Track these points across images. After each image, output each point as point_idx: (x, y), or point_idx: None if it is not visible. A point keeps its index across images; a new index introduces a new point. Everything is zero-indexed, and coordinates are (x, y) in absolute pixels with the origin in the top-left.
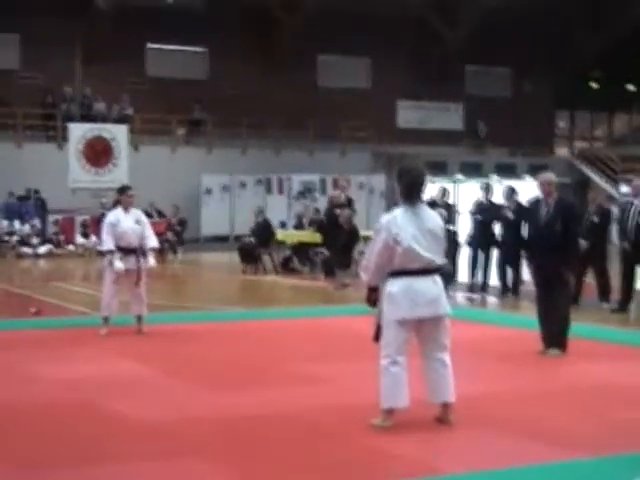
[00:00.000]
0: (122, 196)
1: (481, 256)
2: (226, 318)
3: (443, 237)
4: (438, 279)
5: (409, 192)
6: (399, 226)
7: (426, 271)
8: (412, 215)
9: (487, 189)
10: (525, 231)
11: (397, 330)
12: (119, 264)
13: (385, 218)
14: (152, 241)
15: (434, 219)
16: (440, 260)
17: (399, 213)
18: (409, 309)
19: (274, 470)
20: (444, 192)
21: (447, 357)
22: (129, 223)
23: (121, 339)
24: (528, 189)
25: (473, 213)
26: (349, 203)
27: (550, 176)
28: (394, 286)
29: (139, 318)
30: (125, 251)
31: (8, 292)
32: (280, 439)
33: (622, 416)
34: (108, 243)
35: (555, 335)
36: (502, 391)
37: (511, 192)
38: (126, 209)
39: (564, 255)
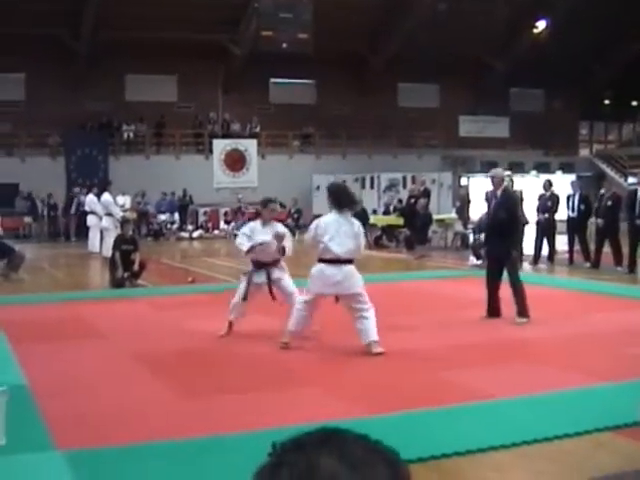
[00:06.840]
0: (264, 209)
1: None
2: None
3: (357, 237)
4: (346, 267)
5: (337, 203)
6: (323, 228)
7: (335, 261)
8: (334, 221)
9: (548, 184)
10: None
11: (313, 297)
12: (257, 278)
13: (317, 220)
14: (288, 246)
15: (351, 224)
16: (351, 254)
17: (326, 218)
18: (320, 288)
19: (363, 390)
20: (549, 184)
21: (365, 312)
22: (264, 237)
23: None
24: (559, 181)
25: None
26: (427, 194)
27: (496, 171)
28: (314, 269)
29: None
30: (256, 265)
31: (171, 266)
32: (377, 372)
33: (631, 351)
34: (247, 244)
35: None
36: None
37: (549, 184)
38: (264, 223)
39: (507, 238)
